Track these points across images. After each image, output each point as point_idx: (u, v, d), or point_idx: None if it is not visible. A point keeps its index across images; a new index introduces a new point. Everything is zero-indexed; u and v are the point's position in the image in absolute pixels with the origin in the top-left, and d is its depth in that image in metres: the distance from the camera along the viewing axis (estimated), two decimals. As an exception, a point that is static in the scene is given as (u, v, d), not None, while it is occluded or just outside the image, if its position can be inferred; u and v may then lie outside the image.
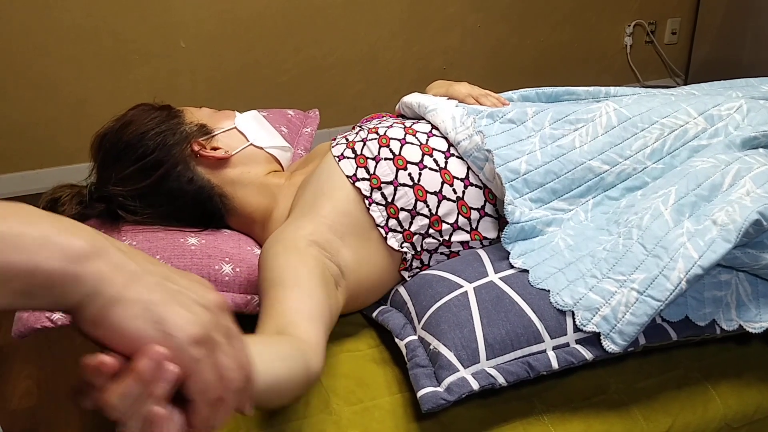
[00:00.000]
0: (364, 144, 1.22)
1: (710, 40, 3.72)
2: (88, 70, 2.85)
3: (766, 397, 1.12)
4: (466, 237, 1.19)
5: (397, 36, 3.28)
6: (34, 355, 1.99)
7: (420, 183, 1.18)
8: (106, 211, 1.27)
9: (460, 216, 1.19)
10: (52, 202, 1.30)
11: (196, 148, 1.25)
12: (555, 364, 1.00)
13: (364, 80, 3.30)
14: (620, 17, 3.72)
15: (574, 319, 1.02)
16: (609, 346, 0.99)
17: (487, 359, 0.99)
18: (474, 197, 1.20)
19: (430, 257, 1.20)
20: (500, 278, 1.08)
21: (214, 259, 1.20)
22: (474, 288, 1.07)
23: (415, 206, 1.17)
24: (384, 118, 1.39)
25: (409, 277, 1.20)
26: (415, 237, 1.17)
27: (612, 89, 1.46)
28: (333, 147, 1.26)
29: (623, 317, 0.99)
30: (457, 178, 1.20)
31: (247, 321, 1.20)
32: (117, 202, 1.25)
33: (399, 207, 1.16)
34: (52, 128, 2.88)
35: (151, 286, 0.55)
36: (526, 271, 1.09)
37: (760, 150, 1.23)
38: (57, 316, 1.14)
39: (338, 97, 3.28)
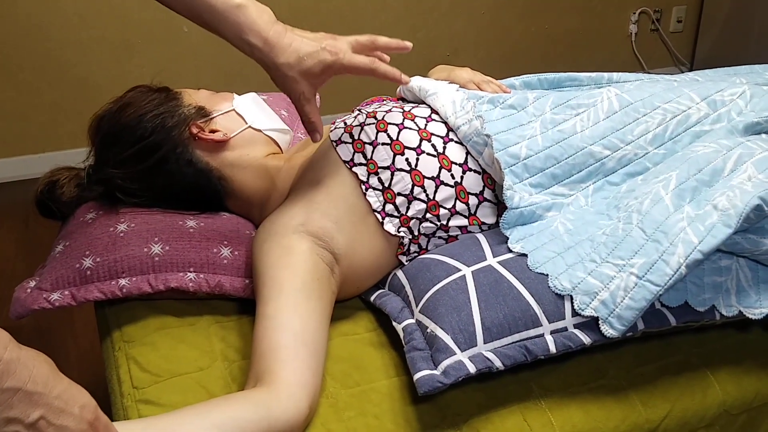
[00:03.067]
0: (362, 129, 1.22)
1: (716, 28, 3.70)
2: (92, 55, 2.84)
3: (766, 384, 1.12)
4: (464, 222, 1.19)
5: (402, 22, 3.26)
6: (35, 338, 2.00)
7: (417, 168, 1.17)
8: (104, 193, 1.27)
9: (458, 201, 1.18)
10: (50, 184, 1.30)
11: (194, 130, 1.25)
12: (553, 349, 0.99)
13: (368, 66, 3.29)
14: (625, 4, 3.70)
15: (572, 303, 1.01)
16: (607, 330, 0.99)
17: (485, 343, 0.99)
18: (472, 182, 1.20)
19: (427, 241, 1.19)
20: (498, 262, 1.08)
21: (212, 242, 1.20)
22: (472, 272, 1.06)
23: (412, 191, 1.16)
24: (384, 102, 1.38)
25: (407, 261, 1.20)
26: (412, 222, 1.17)
27: (615, 75, 1.45)
28: (331, 131, 1.25)
29: (622, 302, 0.98)
30: (456, 164, 1.20)
31: (245, 304, 1.20)
32: (115, 184, 1.25)
33: (396, 192, 1.16)
34: (54, 112, 2.89)
35: None
36: (525, 255, 1.08)
37: (763, 135, 1.22)
38: (54, 297, 1.14)
39: (341, 84, 3.25)
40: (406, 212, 1.16)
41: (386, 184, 1.16)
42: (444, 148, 1.20)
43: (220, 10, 1.02)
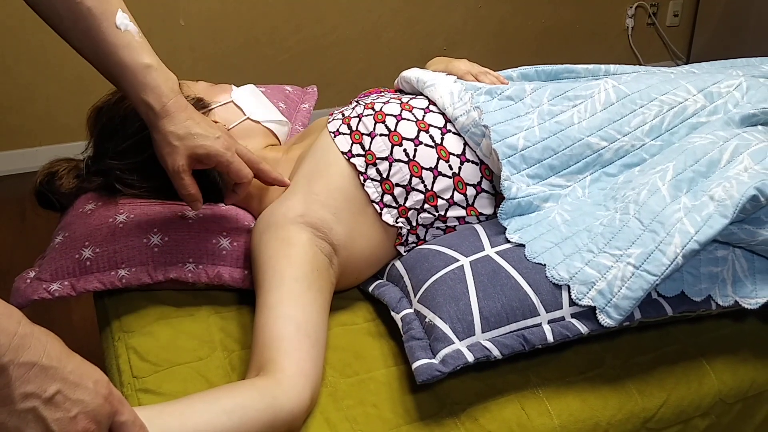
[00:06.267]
0: (360, 120, 1.22)
1: (712, 22, 3.70)
2: (88, 48, 2.83)
3: (761, 373, 1.12)
4: (462, 213, 1.19)
5: (399, 14, 3.26)
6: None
7: (415, 159, 1.17)
8: (103, 184, 1.28)
9: (456, 192, 1.19)
10: (49, 175, 1.30)
11: (193, 122, 1.24)
12: (550, 338, 1.00)
13: (366, 59, 3.29)
14: (622, -2, 3.71)
15: (569, 293, 1.02)
16: (604, 320, 0.99)
17: (483, 332, 0.99)
18: (470, 173, 1.20)
19: (426, 232, 1.20)
20: (496, 252, 1.08)
21: (211, 232, 1.21)
22: (470, 262, 1.07)
23: (410, 182, 1.16)
24: (381, 94, 1.38)
25: (405, 251, 1.20)
26: (410, 212, 1.17)
27: (612, 67, 1.45)
28: (329, 122, 1.26)
29: (619, 291, 0.99)
30: (454, 154, 1.20)
31: (245, 295, 1.21)
32: (114, 175, 1.25)
33: (394, 183, 1.16)
34: (51, 105, 2.88)
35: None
36: (523, 245, 1.09)
37: (759, 127, 1.22)
38: (54, 287, 1.14)
39: (339, 76, 3.27)
40: (404, 203, 1.17)
41: (384, 175, 1.16)
42: (442, 139, 1.21)
43: (130, 66, 1.01)
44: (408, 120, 1.21)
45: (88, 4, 0.99)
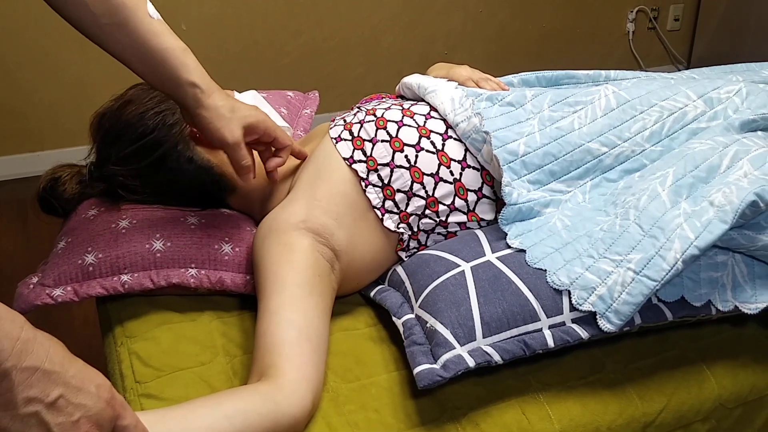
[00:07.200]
0: (362, 126, 1.23)
1: (713, 27, 3.71)
2: (90, 51, 2.84)
3: (761, 377, 1.13)
4: (463, 218, 1.20)
5: (399, 19, 3.27)
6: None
7: (416, 165, 1.18)
8: (106, 190, 1.28)
9: (457, 198, 1.19)
10: (52, 181, 1.31)
11: (195, 128, 1.25)
12: (551, 343, 1.01)
13: (365, 63, 3.30)
14: (623, 3, 3.71)
15: (570, 298, 1.03)
16: (605, 325, 1.00)
17: (483, 337, 1.00)
18: (471, 179, 1.21)
19: (427, 237, 1.20)
20: (497, 258, 1.09)
21: (213, 238, 1.21)
22: (471, 267, 1.07)
23: (411, 188, 1.17)
24: (383, 100, 1.39)
25: (406, 257, 1.21)
26: (412, 218, 1.18)
27: (612, 73, 1.46)
28: (331, 128, 1.26)
29: (619, 297, 0.99)
30: (455, 160, 1.21)
31: (246, 300, 1.21)
32: (117, 181, 1.26)
33: (395, 189, 1.17)
34: (53, 110, 2.89)
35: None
36: (524, 251, 1.09)
37: (759, 133, 1.23)
38: (57, 292, 1.15)
39: (339, 81, 3.27)
40: (406, 208, 1.17)
41: (386, 181, 1.17)
42: (443, 145, 1.21)
43: (169, 50, 1.07)
44: (409, 126, 1.22)
45: None
